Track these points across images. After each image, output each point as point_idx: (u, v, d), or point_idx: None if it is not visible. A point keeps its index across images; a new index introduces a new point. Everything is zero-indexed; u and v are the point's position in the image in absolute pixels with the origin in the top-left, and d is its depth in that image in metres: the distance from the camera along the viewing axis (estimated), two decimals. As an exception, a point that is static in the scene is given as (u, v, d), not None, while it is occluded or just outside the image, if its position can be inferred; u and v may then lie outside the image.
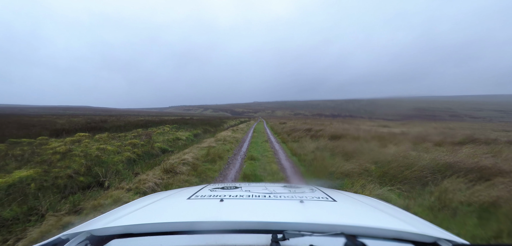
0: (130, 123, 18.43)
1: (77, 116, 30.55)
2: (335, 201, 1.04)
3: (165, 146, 9.09)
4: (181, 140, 10.96)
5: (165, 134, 11.79)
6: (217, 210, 0.90)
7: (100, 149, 7.30)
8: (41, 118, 21.51)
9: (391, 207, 1.20)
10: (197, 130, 15.11)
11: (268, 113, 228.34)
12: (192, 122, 19.35)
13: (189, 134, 12.76)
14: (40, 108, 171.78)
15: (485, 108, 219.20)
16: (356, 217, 0.95)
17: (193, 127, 16.43)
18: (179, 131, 13.48)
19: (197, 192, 1.18)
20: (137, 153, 7.71)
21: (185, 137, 11.69)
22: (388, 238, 0.73)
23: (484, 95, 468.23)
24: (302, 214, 0.86)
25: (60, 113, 56.84)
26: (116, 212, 1.00)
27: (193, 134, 13.32)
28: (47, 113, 52.17)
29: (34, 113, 41.26)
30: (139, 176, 5.34)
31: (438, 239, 0.73)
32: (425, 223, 0.94)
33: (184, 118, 33.74)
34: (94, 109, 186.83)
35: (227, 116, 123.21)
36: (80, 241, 0.72)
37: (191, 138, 12.20)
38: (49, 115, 30.51)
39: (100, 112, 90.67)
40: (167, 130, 13.65)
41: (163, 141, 9.80)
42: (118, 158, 6.95)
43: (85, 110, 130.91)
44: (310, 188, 1.35)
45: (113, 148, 7.67)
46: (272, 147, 9.20)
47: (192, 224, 0.75)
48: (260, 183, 1.55)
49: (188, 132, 13.23)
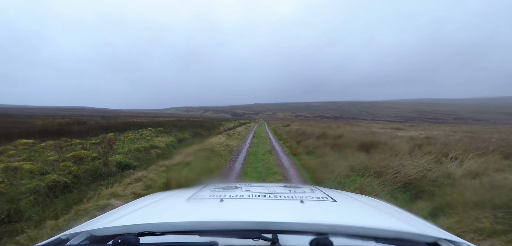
0: (111, 125, 15.79)
1: (59, 117, 27.94)
2: (335, 201, 1.02)
3: (128, 160, 6.44)
4: (158, 148, 8.31)
5: (139, 140, 9.17)
6: (217, 210, 0.90)
7: (8, 169, 4.67)
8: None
9: (391, 207, 1.16)
10: (185, 133, 12.48)
11: (269, 115, 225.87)
12: (181, 124, 16.65)
13: (172, 139, 10.11)
14: (38, 109, 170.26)
15: (489, 111, 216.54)
16: (356, 217, 0.94)
17: (182, 130, 13.78)
18: (160, 135, 10.83)
19: (197, 192, 1.16)
20: (75, 173, 5.07)
21: (164, 144, 9.05)
22: (388, 238, 0.71)
23: (489, 98, 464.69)
24: (302, 214, 0.86)
25: (47, 113, 54.43)
26: (116, 212, 0.98)
27: (178, 139, 10.67)
28: (36, 114, 49.83)
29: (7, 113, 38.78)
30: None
31: (438, 239, 0.72)
32: (425, 223, 0.93)
33: (180, 119, 31.01)
34: (93, 110, 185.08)
35: (227, 117, 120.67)
36: (80, 241, 0.72)
37: (173, 144, 9.56)
38: (23, 116, 27.85)
39: (98, 113, 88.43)
40: (147, 134, 11.01)
41: (130, 151, 7.15)
42: (35, 183, 4.31)
43: (83, 111, 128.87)
44: (310, 188, 1.33)
45: (38, 166, 5.03)
46: (278, 162, 6.41)
47: (192, 224, 0.75)
48: (260, 183, 1.52)
49: (171, 137, 10.57)
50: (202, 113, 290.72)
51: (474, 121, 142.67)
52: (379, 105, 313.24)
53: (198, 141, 10.66)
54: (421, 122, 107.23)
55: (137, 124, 17.12)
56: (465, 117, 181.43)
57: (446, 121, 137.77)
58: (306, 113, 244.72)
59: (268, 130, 20.96)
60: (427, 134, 17.73)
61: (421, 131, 22.75)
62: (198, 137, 12.67)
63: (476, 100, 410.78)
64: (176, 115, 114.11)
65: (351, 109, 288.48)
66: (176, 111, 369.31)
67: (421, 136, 16.46)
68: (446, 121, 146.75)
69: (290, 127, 19.80)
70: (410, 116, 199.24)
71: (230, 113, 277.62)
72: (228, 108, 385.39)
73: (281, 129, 18.62)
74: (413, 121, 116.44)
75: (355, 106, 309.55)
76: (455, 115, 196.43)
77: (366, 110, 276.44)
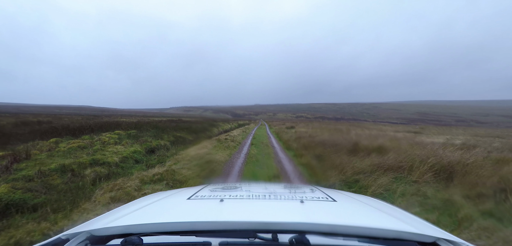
0: (83, 126, 12.89)
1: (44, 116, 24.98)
2: (335, 201, 1.02)
3: (21, 194, 3.55)
4: (106, 164, 5.42)
5: (87, 149, 6.30)
6: (217, 210, 0.89)
7: None
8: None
9: (391, 207, 1.16)
10: (164, 139, 9.58)
11: (269, 116, 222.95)
12: (162, 126, 13.62)
13: (137, 149, 7.21)
14: (38, 107, 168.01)
15: (492, 113, 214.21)
16: (356, 217, 0.94)
17: (161, 133, 10.85)
18: (123, 141, 7.90)
19: (197, 192, 1.16)
20: None
21: (121, 156, 6.16)
22: (388, 238, 0.72)
23: (490, 101, 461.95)
24: (302, 214, 0.85)
25: (33, 112, 51.63)
26: (116, 212, 0.98)
27: (149, 148, 7.77)
28: (24, 112, 47.03)
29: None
30: None
31: (438, 239, 0.72)
32: (425, 223, 0.93)
33: (173, 119, 27.92)
34: (92, 109, 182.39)
35: (226, 118, 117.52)
36: (80, 241, 0.72)
37: (137, 157, 6.68)
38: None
39: (95, 112, 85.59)
40: (106, 139, 8.09)
41: (41, 173, 4.28)
42: None
43: (80, 110, 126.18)
44: (310, 188, 1.33)
45: None
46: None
47: (192, 224, 0.74)
48: (260, 183, 1.51)
49: (138, 146, 7.66)
50: (201, 113, 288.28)
51: (477, 124, 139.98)
52: (380, 106, 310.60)
53: (180, 149, 7.77)
54: (425, 124, 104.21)
55: (119, 124, 14.17)
56: (467, 120, 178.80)
57: (449, 124, 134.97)
58: (307, 114, 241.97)
59: (270, 134, 17.23)
60: (461, 139, 14.80)
61: (447, 135, 19.75)
62: (181, 144, 9.76)
63: (478, 102, 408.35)
64: (173, 115, 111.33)
65: (352, 111, 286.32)
66: (175, 111, 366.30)
67: (455, 141, 13.51)
68: (449, 123, 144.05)
69: (295, 130, 16.85)
70: (412, 118, 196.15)
71: (230, 114, 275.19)
72: (228, 109, 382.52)
73: (286, 133, 15.42)
74: (416, 123, 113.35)
75: (356, 108, 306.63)
76: (457, 118, 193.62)
77: (367, 111, 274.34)
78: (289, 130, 18.23)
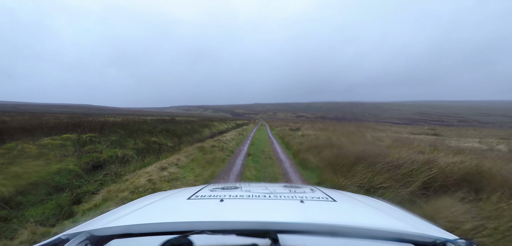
0: (60, 124, 10.28)
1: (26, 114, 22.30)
2: (335, 201, 1.01)
3: None
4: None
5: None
6: (217, 210, 0.88)
7: None
8: None
9: (391, 207, 1.14)
10: (128, 147, 6.95)
11: (270, 116, 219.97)
12: (140, 128, 10.82)
13: (71, 165, 4.59)
14: (38, 106, 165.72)
15: (493, 114, 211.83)
16: (356, 217, 0.93)
17: (126, 138, 8.18)
18: (58, 151, 5.28)
19: (197, 192, 1.14)
20: None
21: (13, 189, 3.58)
22: (388, 238, 0.71)
23: (493, 101, 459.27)
24: (302, 214, 0.85)
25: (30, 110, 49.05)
26: (116, 212, 0.96)
27: (95, 162, 5.16)
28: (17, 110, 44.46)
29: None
30: None
31: (438, 239, 0.72)
32: (424, 223, 0.92)
33: (164, 119, 25.20)
34: (92, 108, 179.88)
35: (225, 117, 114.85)
36: (80, 241, 0.71)
37: (60, 181, 4.08)
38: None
39: (93, 111, 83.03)
40: (32, 149, 5.48)
41: None
42: None
43: (79, 109, 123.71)
44: (310, 188, 1.30)
45: None
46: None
47: (192, 224, 0.74)
48: (260, 183, 1.48)
49: (74, 159, 5.02)
50: (201, 113, 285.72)
51: (479, 124, 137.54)
52: (382, 106, 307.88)
53: (142, 165, 5.14)
54: (427, 124, 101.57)
55: (103, 124, 11.50)
56: (470, 120, 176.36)
57: (451, 124, 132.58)
58: (307, 114, 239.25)
59: (272, 139, 13.74)
60: (499, 143, 12.17)
61: (474, 139, 17.09)
62: (153, 153, 7.11)
63: (479, 102, 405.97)
64: (170, 113, 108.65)
65: (353, 110, 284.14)
66: (175, 110, 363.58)
67: (495, 146, 10.88)
68: (451, 124, 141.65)
69: (302, 133, 14.18)
70: (414, 118, 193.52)
71: (230, 113, 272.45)
72: (228, 108, 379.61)
73: (292, 137, 12.41)
74: (417, 124, 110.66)
75: (357, 107, 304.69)
76: (459, 118, 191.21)
77: (368, 111, 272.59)
78: (294, 132, 15.53)
